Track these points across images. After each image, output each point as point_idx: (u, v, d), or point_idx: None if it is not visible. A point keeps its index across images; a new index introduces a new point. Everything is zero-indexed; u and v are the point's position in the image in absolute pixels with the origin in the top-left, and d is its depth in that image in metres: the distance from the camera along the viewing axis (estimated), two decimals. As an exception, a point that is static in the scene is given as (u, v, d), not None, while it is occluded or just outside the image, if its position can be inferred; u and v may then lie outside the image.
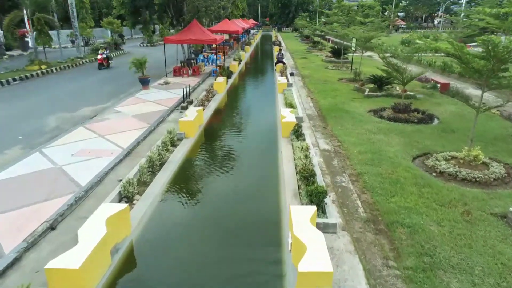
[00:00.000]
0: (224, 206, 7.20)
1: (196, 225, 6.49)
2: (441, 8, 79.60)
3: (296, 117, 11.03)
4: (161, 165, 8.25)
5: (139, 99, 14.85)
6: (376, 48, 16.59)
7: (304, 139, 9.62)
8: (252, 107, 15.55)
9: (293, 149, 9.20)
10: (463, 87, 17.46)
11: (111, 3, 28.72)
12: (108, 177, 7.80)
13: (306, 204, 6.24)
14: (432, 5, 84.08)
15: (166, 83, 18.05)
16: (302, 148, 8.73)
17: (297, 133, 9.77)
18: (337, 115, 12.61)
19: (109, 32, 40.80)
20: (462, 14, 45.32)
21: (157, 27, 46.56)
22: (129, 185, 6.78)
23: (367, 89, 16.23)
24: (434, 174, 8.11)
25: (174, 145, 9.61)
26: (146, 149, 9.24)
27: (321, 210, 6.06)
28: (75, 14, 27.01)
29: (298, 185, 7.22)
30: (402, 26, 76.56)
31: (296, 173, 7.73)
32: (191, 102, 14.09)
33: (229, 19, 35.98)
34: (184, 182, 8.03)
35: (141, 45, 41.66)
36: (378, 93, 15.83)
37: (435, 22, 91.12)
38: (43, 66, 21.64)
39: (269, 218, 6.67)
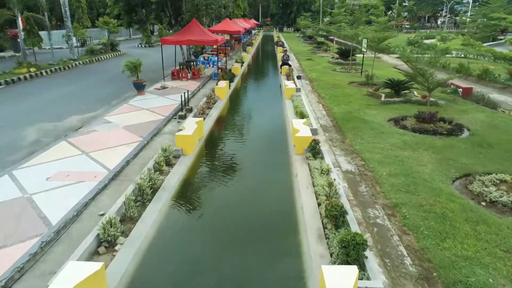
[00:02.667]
0: (232, 251, 5.74)
1: (194, 280, 5.04)
2: (445, 8, 78.18)
3: (310, 129, 9.58)
4: (153, 192, 6.82)
5: (133, 106, 13.40)
6: (395, 50, 15.14)
7: (322, 158, 8.16)
8: (258, 116, 13.99)
9: (310, 170, 7.78)
10: (484, 92, 16.04)
11: (108, 3, 27.27)
12: (87, 210, 6.36)
13: (337, 255, 4.80)
14: (435, 5, 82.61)
15: (164, 87, 16.60)
16: (322, 170, 7.29)
17: (314, 150, 8.30)
18: (354, 126, 11.17)
19: (106, 32, 39.26)
20: (469, 13, 43.93)
21: (156, 27, 45.05)
22: (110, 226, 5.34)
23: (383, 95, 14.79)
24: (484, 203, 6.69)
25: (169, 164, 8.18)
26: (137, 170, 7.83)
27: (359, 264, 4.62)
28: (67, 13, 25.54)
29: (322, 222, 5.79)
30: (406, 26, 75.25)
31: (318, 204, 6.31)
32: (190, 110, 12.66)
33: (230, 19, 34.51)
34: (181, 216, 6.58)
35: (139, 46, 40.21)
36: (396, 99, 14.39)
37: (439, 22, 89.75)
38: (32, 69, 20.14)
39: (289, 273, 5.19)
